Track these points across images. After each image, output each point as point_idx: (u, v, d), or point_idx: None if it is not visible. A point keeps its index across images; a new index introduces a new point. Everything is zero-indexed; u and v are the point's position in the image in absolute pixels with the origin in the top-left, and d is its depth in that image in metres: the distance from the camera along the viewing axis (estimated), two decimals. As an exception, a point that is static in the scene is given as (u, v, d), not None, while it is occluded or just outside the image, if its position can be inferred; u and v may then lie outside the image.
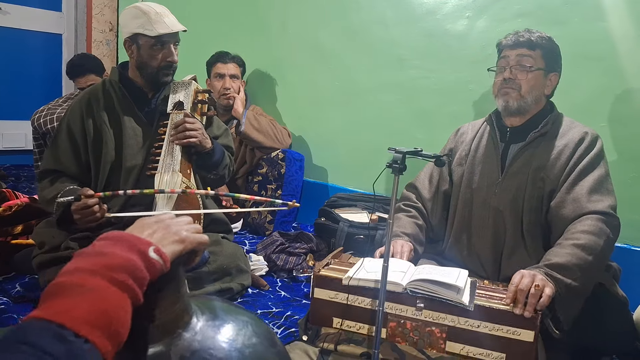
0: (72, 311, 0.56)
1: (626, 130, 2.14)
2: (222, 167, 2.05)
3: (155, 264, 0.67)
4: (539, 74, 1.72)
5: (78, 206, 1.67)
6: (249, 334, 0.81)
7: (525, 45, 1.72)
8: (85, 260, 0.63)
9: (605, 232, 1.54)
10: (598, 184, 1.63)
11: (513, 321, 1.35)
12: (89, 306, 0.58)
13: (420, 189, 1.95)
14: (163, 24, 1.85)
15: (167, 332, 0.74)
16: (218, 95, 2.97)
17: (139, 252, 0.66)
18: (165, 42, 1.89)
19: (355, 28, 2.94)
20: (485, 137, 1.85)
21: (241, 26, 3.45)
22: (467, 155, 1.87)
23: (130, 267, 0.63)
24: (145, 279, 0.65)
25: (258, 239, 2.80)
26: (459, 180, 1.87)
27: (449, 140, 2.00)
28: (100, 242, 0.67)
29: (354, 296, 1.48)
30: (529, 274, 1.42)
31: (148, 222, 0.75)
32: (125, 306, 0.61)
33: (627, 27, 2.11)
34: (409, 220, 1.86)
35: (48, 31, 4.35)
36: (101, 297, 0.59)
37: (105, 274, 0.61)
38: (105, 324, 0.58)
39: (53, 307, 0.57)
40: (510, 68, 1.73)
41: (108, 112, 1.94)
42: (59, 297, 0.58)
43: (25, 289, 1.95)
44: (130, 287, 0.62)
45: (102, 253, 0.64)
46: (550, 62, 1.74)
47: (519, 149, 1.74)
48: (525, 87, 1.71)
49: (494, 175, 1.77)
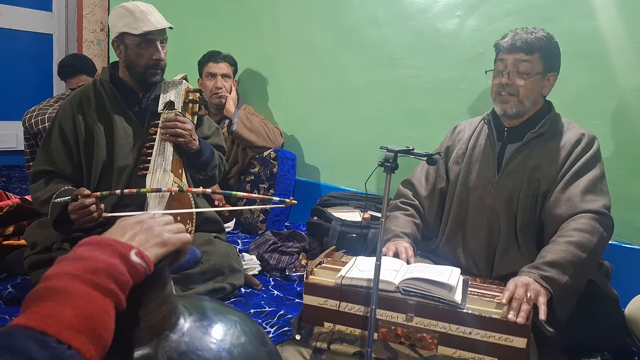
0: (55, 317, 0.56)
1: (615, 128, 2.15)
2: (211, 168, 2.05)
3: (137, 267, 0.66)
4: (537, 78, 1.70)
5: (75, 206, 1.67)
6: (237, 333, 0.81)
7: (522, 50, 1.68)
8: (67, 265, 0.62)
9: (599, 230, 1.55)
10: (593, 184, 1.63)
11: (505, 328, 1.33)
12: (72, 312, 0.57)
13: (416, 186, 1.95)
14: (148, 22, 1.85)
15: (155, 334, 0.73)
16: (210, 94, 2.96)
17: (121, 256, 0.65)
18: (152, 41, 1.89)
19: (347, 27, 2.94)
20: (483, 136, 1.85)
21: (233, 25, 3.44)
22: (464, 153, 1.87)
23: (112, 272, 0.63)
24: (128, 283, 0.65)
25: (251, 238, 2.79)
26: (455, 178, 1.87)
27: (445, 137, 2.00)
28: (81, 247, 0.66)
29: (344, 303, 1.48)
30: (522, 283, 1.41)
31: (129, 223, 0.74)
32: (108, 310, 0.61)
33: (616, 25, 2.12)
34: (407, 220, 1.86)
35: (39, 31, 4.32)
36: (84, 302, 0.59)
37: (88, 278, 0.61)
38: (88, 329, 0.57)
39: (36, 313, 0.56)
40: (508, 73, 1.71)
41: (99, 112, 1.93)
42: (42, 303, 0.58)
43: (17, 290, 1.94)
44: (112, 292, 0.62)
45: (83, 257, 0.64)
46: (549, 63, 1.72)
47: (516, 149, 1.75)
48: (523, 93, 1.69)
49: (490, 174, 1.78)
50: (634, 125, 2.12)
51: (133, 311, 0.69)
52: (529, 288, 1.40)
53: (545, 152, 1.70)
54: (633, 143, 2.12)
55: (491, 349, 1.35)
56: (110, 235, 0.72)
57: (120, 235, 0.71)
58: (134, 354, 0.71)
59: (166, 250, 0.73)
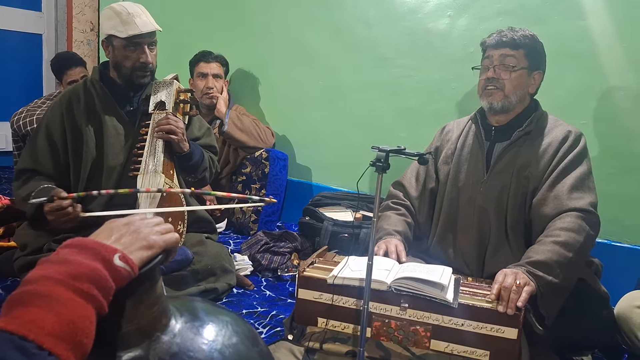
0: (35, 323, 0.55)
1: (605, 127, 2.17)
2: (201, 171, 2.04)
3: (121, 271, 0.65)
4: (522, 73, 1.73)
5: (51, 207, 1.63)
6: (229, 334, 0.80)
7: (508, 45, 1.72)
8: (49, 269, 0.61)
9: (585, 229, 1.56)
10: (579, 181, 1.65)
11: (496, 319, 1.36)
12: (53, 317, 0.56)
13: (407, 187, 1.96)
14: (133, 25, 1.82)
15: (145, 335, 0.73)
16: (201, 94, 2.95)
17: (104, 260, 0.64)
18: (138, 44, 1.87)
19: (339, 27, 2.94)
20: (471, 135, 1.86)
21: (224, 25, 3.43)
22: (453, 153, 1.88)
23: (95, 277, 0.62)
24: (111, 288, 0.64)
25: (242, 238, 2.79)
26: (445, 179, 1.88)
27: (434, 138, 2.01)
28: (64, 250, 0.65)
29: (338, 296, 1.48)
30: (512, 272, 1.44)
31: (117, 225, 0.74)
32: (90, 316, 0.60)
33: (606, 25, 2.14)
34: (399, 218, 1.86)
35: (28, 31, 4.28)
36: (66, 308, 0.58)
37: (70, 283, 0.60)
38: (69, 336, 0.57)
39: (17, 317, 0.56)
40: (494, 67, 1.74)
41: (89, 111, 1.92)
42: (23, 308, 0.57)
43: (6, 292, 1.93)
44: (95, 298, 0.61)
45: (66, 261, 0.63)
46: (534, 61, 1.75)
47: (504, 148, 1.76)
48: (508, 87, 1.72)
49: (479, 173, 1.79)
50: (622, 124, 2.14)
51: (123, 313, 0.69)
52: (518, 277, 1.41)
53: (533, 150, 1.72)
54: (622, 142, 2.14)
55: (483, 341, 1.37)
56: (96, 237, 0.71)
57: (106, 237, 0.71)
58: (125, 356, 0.71)
59: (152, 252, 0.72)
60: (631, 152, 2.12)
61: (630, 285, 1.92)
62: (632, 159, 2.12)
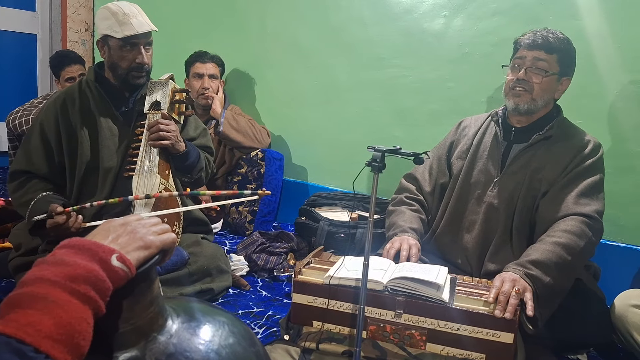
0: (33, 325, 0.55)
1: (600, 127, 2.17)
2: (197, 171, 2.04)
3: (118, 272, 0.65)
4: (552, 78, 1.71)
5: (50, 224, 1.65)
6: (225, 334, 0.80)
7: (543, 47, 1.69)
8: (46, 270, 0.61)
9: (587, 234, 1.56)
10: (589, 189, 1.65)
11: (492, 324, 1.35)
12: (51, 320, 0.56)
13: (420, 181, 1.95)
14: (129, 25, 1.82)
15: (142, 335, 0.72)
16: (196, 95, 2.95)
17: (101, 261, 0.64)
18: (134, 44, 1.86)
19: (334, 27, 2.94)
20: (489, 133, 1.86)
21: (220, 26, 3.43)
22: (469, 149, 1.87)
23: (92, 278, 0.62)
24: (109, 289, 0.64)
25: (238, 239, 2.79)
26: (457, 173, 1.87)
27: (449, 133, 2.00)
28: (61, 250, 0.65)
29: (333, 301, 1.48)
30: (510, 279, 1.43)
31: (113, 225, 0.73)
32: (87, 318, 0.60)
33: (600, 26, 2.14)
34: (413, 215, 1.86)
35: (22, 31, 4.27)
36: (63, 311, 0.58)
37: (67, 285, 0.60)
38: (66, 338, 0.56)
39: (14, 320, 0.55)
40: (526, 69, 1.71)
41: (84, 112, 1.91)
42: (20, 310, 0.57)
43: (1, 293, 1.92)
44: (92, 299, 0.61)
45: (63, 262, 0.62)
46: (565, 67, 1.73)
47: (521, 150, 1.75)
48: (537, 90, 1.70)
49: (493, 172, 1.79)
50: (617, 124, 2.15)
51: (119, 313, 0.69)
52: (516, 283, 1.41)
53: (550, 155, 1.71)
54: (617, 142, 2.14)
55: (479, 345, 1.37)
56: (93, 237, 0.70)
57: (103, 237, 0.70)
58: (121, 356, 0.70)
59: (149, 253, 0.72)
60: (626, 152, 2.13)
61: (625, 285, 1.93)
62: (627, 158, 2.12)
